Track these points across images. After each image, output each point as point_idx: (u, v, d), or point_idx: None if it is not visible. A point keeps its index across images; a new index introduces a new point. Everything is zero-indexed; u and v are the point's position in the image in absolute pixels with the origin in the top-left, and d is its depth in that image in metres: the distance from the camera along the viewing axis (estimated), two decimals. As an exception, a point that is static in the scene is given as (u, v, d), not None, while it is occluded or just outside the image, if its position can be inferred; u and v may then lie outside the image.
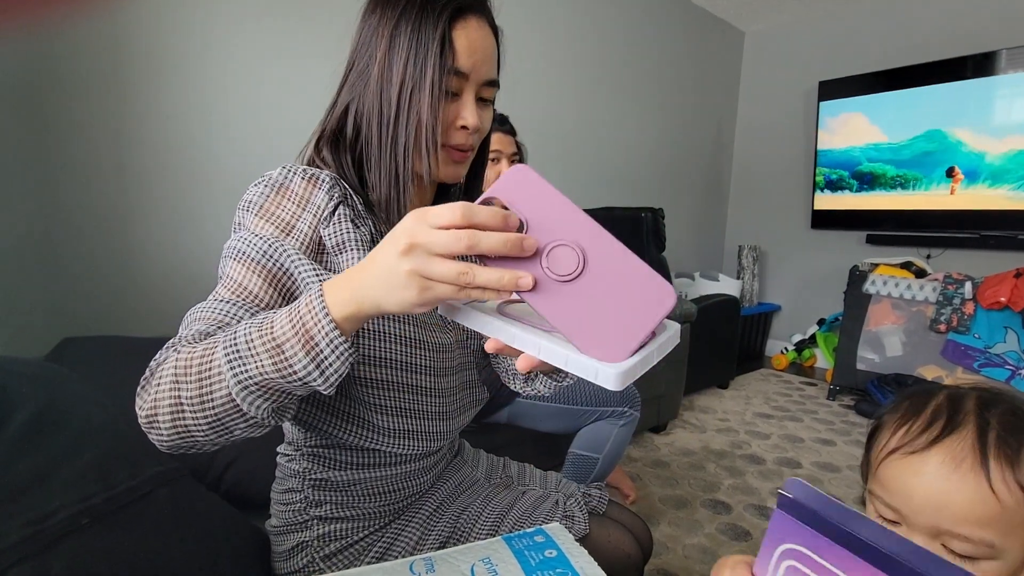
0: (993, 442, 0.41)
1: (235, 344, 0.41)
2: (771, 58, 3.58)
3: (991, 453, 0.40)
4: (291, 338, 0.40)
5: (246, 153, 1.61)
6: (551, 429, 1.34)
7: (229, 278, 0.53)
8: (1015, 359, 2.33)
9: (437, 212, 0.37)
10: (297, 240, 0.55)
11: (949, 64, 2.72)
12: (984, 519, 0.40)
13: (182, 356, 0.44)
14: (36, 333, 1.28)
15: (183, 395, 0.42)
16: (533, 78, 2.46)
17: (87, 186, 1.37)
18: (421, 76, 0.55)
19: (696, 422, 2.35)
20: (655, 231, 2.37)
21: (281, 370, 0.41)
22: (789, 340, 3.44)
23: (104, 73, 1.36)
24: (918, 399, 0.47)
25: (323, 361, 0.41)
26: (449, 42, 0.56)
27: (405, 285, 0.38)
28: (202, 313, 0.51)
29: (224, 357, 0.41)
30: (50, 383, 0.65)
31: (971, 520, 0.40)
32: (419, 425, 0.65)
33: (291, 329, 0.41)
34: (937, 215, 2.83)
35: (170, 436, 0.44)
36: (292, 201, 0.55)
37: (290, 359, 0.40)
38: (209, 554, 0.60)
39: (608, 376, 0.37)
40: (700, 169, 3.57)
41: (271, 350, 0.41)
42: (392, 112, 0.57)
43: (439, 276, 0.37)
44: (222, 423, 0.43)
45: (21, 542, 0.44)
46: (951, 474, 0.41)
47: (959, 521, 0.40)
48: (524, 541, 0.64)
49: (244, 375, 0.41)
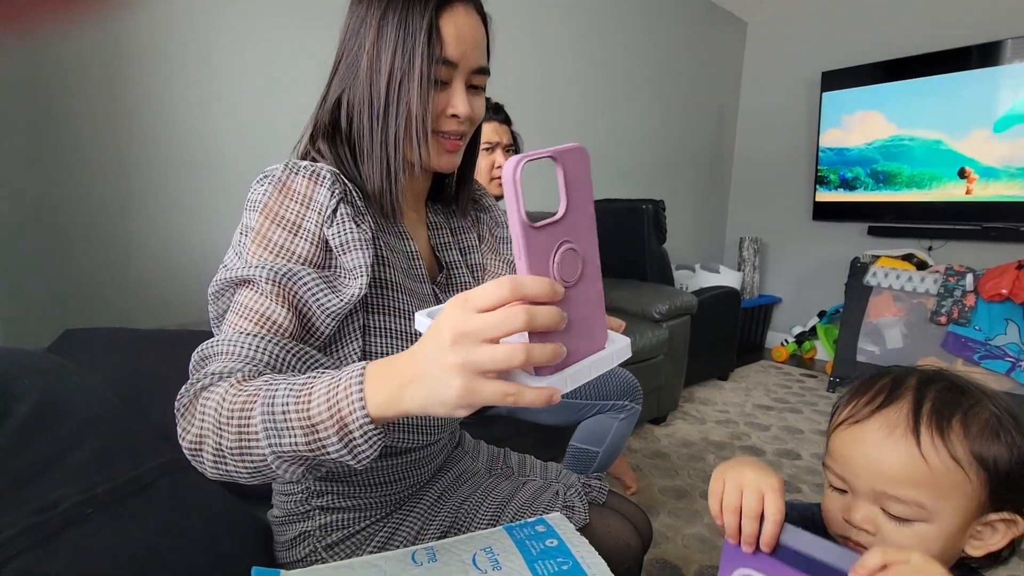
0: (927, 412, 0.45)
1: (272, 414, 0.42)
2: (774, 48, 3.55)
3: (923, 421, 0.44)
4: (326, 420, 0.40)
5: (248, 143, 1.61)
6: (552, 422, 1.34)
7: (247, 308, 0.52)
8: (1015, 351, 2.33)
9: (480, 295, 0.34)
10: (305, 240, 0.54)
11: (954, 54, 2.69)
12: (914, 481, 0.43)
13: (226, 402, 0.44)
14: (38, 325, 1.29)
15: (223, 443, 0.44)
16: (531, 68, 2.44)
17: (89, 178, 1.36)
18: (409, 66, 0.55)
19: (696, 414, 2.36)
20: (656, 223, 2.37)
21: (314, 448, 0.41)
22: (789, 332, 3.44)
23: (106, 64, 1.36)
24: (870, 379, 0.51)
25: (356, 447, 0.41)
26: (436, 31, 0.56)
27: (448, 382, 0.35)
28: (229, 347, 0.50)
29: (261, 424, 0.42)
30: (52, 374, 0.65)
31: (903, 481, 0.44)
32: (418, 419, 0.65)
33: (327, 412, 0.40)
34: (939, 207, 2.81)
35: (214, 473, 0.46)
36: (296, 201, 0.55)
37: (323, 440, 0.41)
38: (212, 544, 0.60)
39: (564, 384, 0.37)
40: (701, 160, 3.55)
41: (306, 428, 0.41)
42: (382, 103, 0.57)
43: (490, 363, 0.34)
44: (261, 472, 0.45)
45: (25, 532, 0.45)
46: (885, 439, 0.45)
47: (892, 483, 0.44)
48: (525, 531, 0.64)
49: (278, 447, 0.42)
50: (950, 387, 0.47)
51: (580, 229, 0.38)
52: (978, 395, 0.46)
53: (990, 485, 0.44)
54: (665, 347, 2.08)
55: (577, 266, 0.37)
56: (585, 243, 0.38)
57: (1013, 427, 0.45)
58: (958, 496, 0.43)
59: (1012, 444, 0.44)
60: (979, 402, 0.46)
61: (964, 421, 0.44)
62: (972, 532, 0.45)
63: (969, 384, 0.48)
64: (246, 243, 0.55)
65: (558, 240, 0.36)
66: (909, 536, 0.44)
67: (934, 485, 0.43)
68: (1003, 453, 0.44)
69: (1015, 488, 0.44)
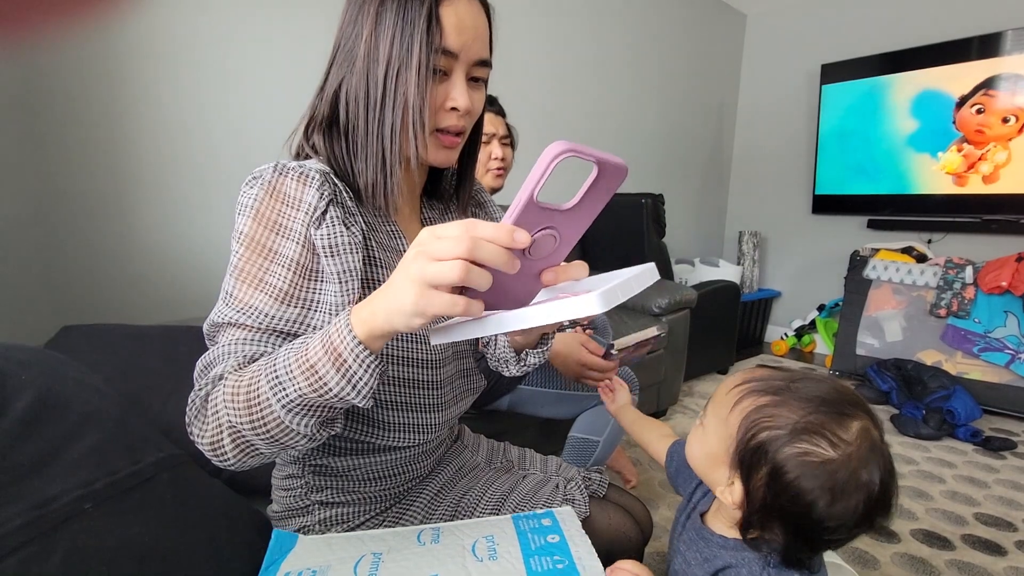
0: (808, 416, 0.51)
1: (275, 373, 0.45)
2: (773, 40, 3.54)
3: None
4: (323, 359, 0.44)
5: (245, 138, 1.60)
6: (552, 415, 1.34)
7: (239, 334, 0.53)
8: (1015, 343, 2.33)
9: (445, 226, 0.39)
10: (296, 243, 0.53)
11: (953, 46, 2.68)
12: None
13: (234, 386, 0.48)
14: (36, 321, 1.28)
15: (238, 422, 0.47)
16: (529, 62, 2.43)
17: (87, 174, 1.36)
18: (407, 55, 0.54)
19: (695, 407, 2.36)
20: (655, 217, 2.36)
21: (317, 389, 0.44)
22: (789, 326, 3.44)
23: (101, 60, 1.35)
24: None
25: (353, 376, 0.44)
26: (436, 20, 0.54)
27: (406, 290, 0.40)
28: (229, 348, 0.52)
29: (267, 384, 0.46)
30: (50, 369, 0.64)
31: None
32: (416, 418, 0.65)
33: (323, 351, 0.44)
34: (938, 200, 2.81)
35: (236, 456, 0.49)
36: (286, 204, 0.53)
37: (324, 378, 0.44)
38: (211, 539, 0.60)
39: (591, 300, 0.37)
40: (700, 154, 3.54)
41: (306, 372, 0.44)
42: (379, 93, 0.55)
43: (437, 276, 0.38)
44: (277, 440, 0.47)
45: (24, 526, 0.44)
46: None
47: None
48: (531, 523, 0.65)
49: (285, 398, 0.45)
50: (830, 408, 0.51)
51: (572, 227, 0.41)
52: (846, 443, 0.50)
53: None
54: (664, 341, 2.08)
55: (550, 250, 0.42)
56: (569, 238, 0.42)
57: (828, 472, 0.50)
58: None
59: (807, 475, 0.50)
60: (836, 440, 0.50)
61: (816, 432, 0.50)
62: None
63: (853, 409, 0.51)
64: (239, 250, 0.54)
65: (549, 223, 0.40)
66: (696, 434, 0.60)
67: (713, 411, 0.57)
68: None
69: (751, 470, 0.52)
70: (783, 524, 0.50)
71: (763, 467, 0.50)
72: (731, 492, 0.53)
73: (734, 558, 0.54)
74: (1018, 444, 2.08)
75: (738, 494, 0.52)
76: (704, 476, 0.59)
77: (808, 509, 0.48)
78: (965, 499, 1.68)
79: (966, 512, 1.60)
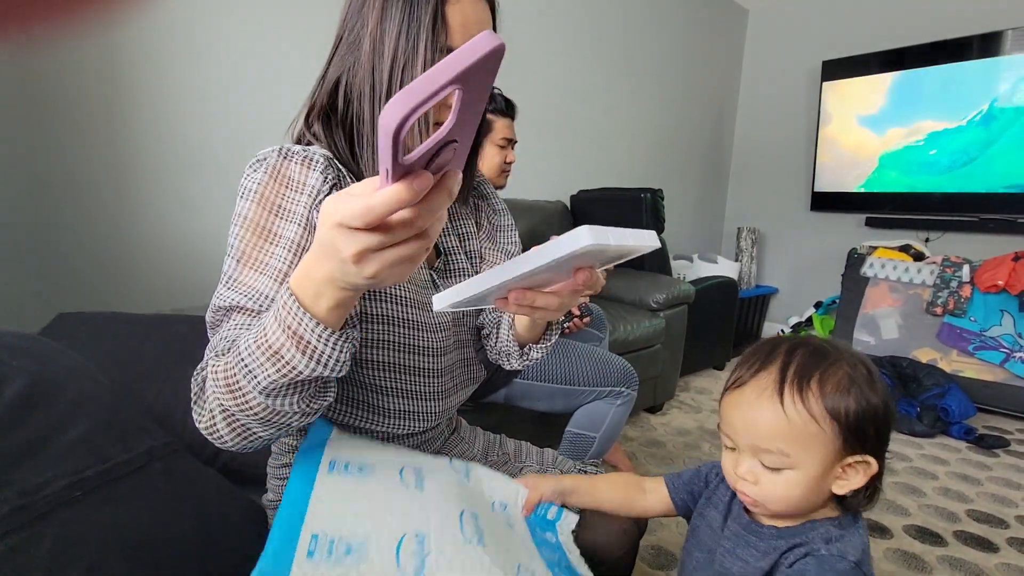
0: (790, 375, 0.52)
1: (242, 360, 0.44)
2: (774, 36, 3.52)
3: (786, 383, 0.52)
4: (284, 343, 0.41)
5: (242, 128, 1.59)
6: (549, 409, 1.34)
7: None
8: (1010, 342, 2.34)
9: (352, 187, 0.35)
10: (300, 226, 0.53)
11: (954, 44, 2.67)
12: (780, 435, 0.51)
13: (217, 371, 0.46)
14: (31, 308, 1.27)
15: (225, 404, 0.46)
16: (529, 57, 2.41)
17: (83, 162, 1.35)
18: (413, 52, 0.53)
19: (692, 403, 2.37)
20: (654, 212, 2.36)
21: (286, 374, 0.42)
22: (786, 322, 3.45)
23: (98, 53, 1.33)
24: (753, 348, 0.58)
25: (320, 356, 0.42)
26: (442, 18, 0.53)
27: (332, 236, 0.35)
28: (229, 333, 0.51)
29: (240, 372, 0.44)
30: (41, 356, 0.64)
31: (771, 435, 0.52)
32: (415, 405, 0.65)
33: (282, 333, 0.41)
34: (937, 198, 2.81)
35: (233, 439, 0.48)
36: (290, 187, 0.54)
37: (290, 362, 0.42)
38: (204, 528, 0.60)
39: (580, 233, 0.36)
40: (700, 150, 3.54)
41: (271, 358, 0.42)
42: (384, 88, 0.55)
43: (351, 217, 0.33)
44: (269, 420, 0.46)
45: (12, 513, 0.44)
46: (756, 400, 0.53)
47: (763, 437, 0.52)
48: (538, 511, 0.65)
49: (258, 385, 0.43)
50: (813, 351, 0.54)
51: (465, 126, 0.32)
52: (836, 356, 0.53)
53: (842, 433, 0.51)
54: (662, 336, 2.08)
55: (450, 156, 0.33)
56: (464, 136, 0.33)
57: (865, 382, 0.52)
58: (816, 445, 0.51)
59: (860, 397, 0.51)
60: (836, 362, 0.52)
61: (820, 380, 0.51)
62: (836, 474, 0.52)
63: (831, 347, 0.54)
64: (241, 234, 0.53)
65: (436, 142, 0.32)
66: (781, 482, 0.52)
67: (795, 437, 0.51)
68: (852, 405, 0.51)
69: (864, 434, 0.51)
70: (880, 454, 0.53)
71: (871, 419, 0.51)
72: (856, 472, 0.52)
73: (799, 536, 0.54)
74: (1011, 442, 2.09)
75: (874, 466, 0.52)
76: (805, 503, 0.54)
77: (890, 421, 0.53)
78: (958, 496, 1.69)
79: (959, 509, 1.61)
